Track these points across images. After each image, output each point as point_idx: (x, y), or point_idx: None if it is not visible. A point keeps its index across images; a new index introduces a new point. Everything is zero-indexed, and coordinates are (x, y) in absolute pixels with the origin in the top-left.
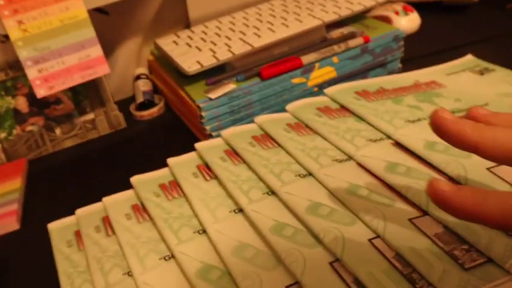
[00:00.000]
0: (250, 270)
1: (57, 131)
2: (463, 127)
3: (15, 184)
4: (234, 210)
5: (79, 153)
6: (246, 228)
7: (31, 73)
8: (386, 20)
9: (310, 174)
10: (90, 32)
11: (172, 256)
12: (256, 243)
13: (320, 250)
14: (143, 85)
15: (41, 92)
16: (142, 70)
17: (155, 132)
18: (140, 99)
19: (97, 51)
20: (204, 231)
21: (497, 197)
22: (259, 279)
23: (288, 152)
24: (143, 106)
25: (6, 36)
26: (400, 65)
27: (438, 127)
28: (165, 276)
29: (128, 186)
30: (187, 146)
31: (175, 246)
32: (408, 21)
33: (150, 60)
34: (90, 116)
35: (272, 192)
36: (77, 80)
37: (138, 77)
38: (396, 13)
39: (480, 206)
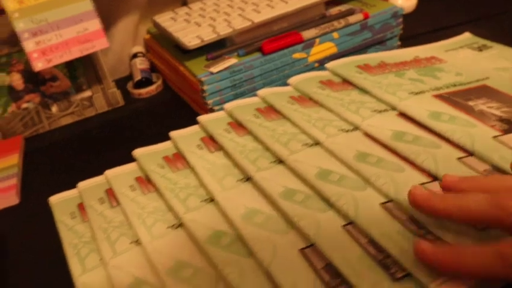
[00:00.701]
0: (262, 235)
1: (54, 108)
2: (433, 202)
3: (13, 160)
4: (242, 179)
5: (77, 130)
6: (254, 196)
7: (28, 46)
8: None
9: (317, 143)
10: (88, 5)
11: (180, 225)
12: (266, 209)
13: (331, 214)
14: (141, 63)
15: (38, 65)
16: (139, 49)
17: (154, 110)
18: (137, 77)
19: (95, 24)
20: (212, 200)
21: (472, 252)
22: (273, 243)
23: (293, 123)
24: (140, 84)
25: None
26: (399, 43)
27: (413, 204)
28: (175, 243)
29: (128, 161)
30: (186, 122)
31: (183, 214)
32: (405, 1)
33: (147, 38)
34: (87, 93)
35: (280, 161)
36: (75, 53)
37: (135, 56)
38: None
39: (457, 262)
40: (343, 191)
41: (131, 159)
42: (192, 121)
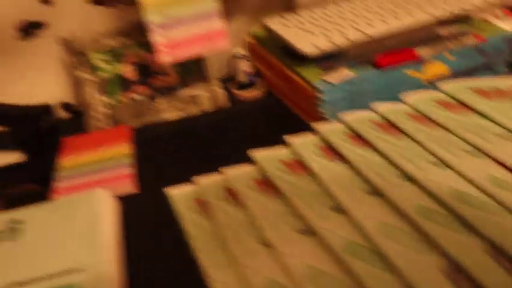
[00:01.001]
0: (403, 251)
1: (161, 102)
2: None
3: (123, 149)
4: (369, 192)
5: (181, 126)
6: (388, 211)
7: (157, 39)
8: None
9: (444, 164)
10: (214, 5)
11: (310, 231)
12: (403, 226)
13: (472, 236)
14: (245, 65)
15: (165, 59)
16: (241, 50)
17: (257, 113)
18: (242, 78)
19: (218, 24)
20: (340, 210)
21: None
22: (414, 261)
23: (416, 141)
24: (243, 87)
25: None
26: (506, 69)
27: None
28: (306, 249)
29: (233, 162)
30: (292, 129)
31: (315, 222)
32: (509, 26)
33: (251, 42)
34: (193, 90)
35: (407, 177)
36: (198, 50)
37: (237, 57)
38: (497, 17)
39: None
40: (483, 215)
41: (236, 160)
42: (297, 128)
